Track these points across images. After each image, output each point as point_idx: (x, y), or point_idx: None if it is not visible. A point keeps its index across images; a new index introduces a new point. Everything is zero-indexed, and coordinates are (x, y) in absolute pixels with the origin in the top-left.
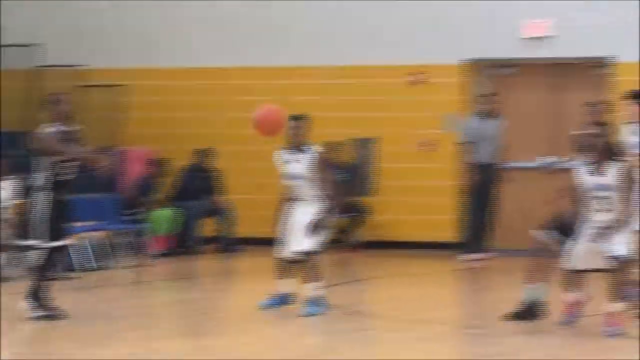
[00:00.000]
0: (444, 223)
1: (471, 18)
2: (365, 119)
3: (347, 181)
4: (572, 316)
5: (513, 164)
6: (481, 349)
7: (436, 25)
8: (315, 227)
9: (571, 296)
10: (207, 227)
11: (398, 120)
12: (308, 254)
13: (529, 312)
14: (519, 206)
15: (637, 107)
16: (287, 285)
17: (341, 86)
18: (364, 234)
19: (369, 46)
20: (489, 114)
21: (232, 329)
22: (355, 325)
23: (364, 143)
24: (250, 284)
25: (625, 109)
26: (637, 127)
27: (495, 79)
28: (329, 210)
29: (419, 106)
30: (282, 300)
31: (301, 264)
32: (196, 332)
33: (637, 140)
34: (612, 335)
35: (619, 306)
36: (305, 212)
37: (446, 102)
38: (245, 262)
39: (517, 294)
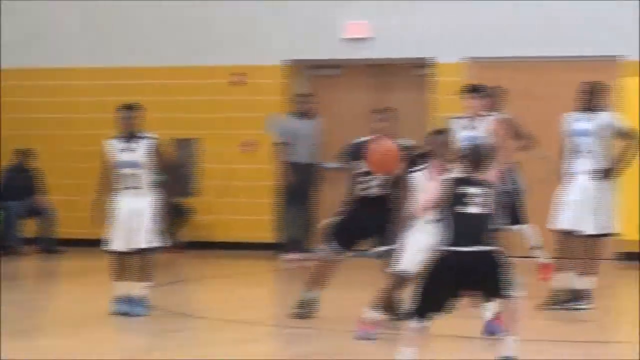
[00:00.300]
0: (266, 223)
1: (292, 19)
2: (188, 119)
3: (167, 182)
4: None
5: (333, 165)
6: (301, 348)
7: (257, 27)
8: (154, 221)
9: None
10: (28, 227)
11: (220, 121)
12: (146, 250)
13: (304, 312)
14: (338, 207)
15: (473, 102)
16: (123, 287)
17: (163, 87)
18: (186, 234)
19: (192, 47)
20: (305, 115)
21: (55, 330)
22: (177, 325)
23: (186, 144)
24: (72, 285)
25: (461, 103)
26: (468, 122)
27: (317, 80)
28: (163, 201)
29: (241, 107)
30: (125, 302)
31: (138, 261)
32: (18, 333)
33: (468, 134)
34: (363, 338)
35: (374, 314)
36: (140, 204)
37: (268, 103)
38: (66, 263)
39: (334, 293)
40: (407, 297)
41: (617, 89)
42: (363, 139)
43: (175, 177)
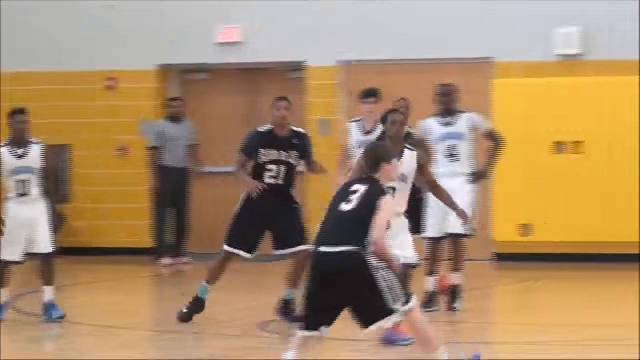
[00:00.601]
0: (141, 228)
1: (166, 24)
2: (61, 125)
3: (50, 188)
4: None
5: (209, 169)
6: (179, 351)
7: (130, 31)
8: (51, 225)
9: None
10: None
11: (94, 126)
12: (48, 255)
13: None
14: (213, 210)
15: (372, 106)
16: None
17: (35, 92)
18: (60, 240)
19: (65, 52)
20: (176, 119)
21: None
22: (53, 332)
23: (58, 150)
24: None
25: (357, 108)
26: (362, 125)
27: (189, 85)
28: (53, 207)
29: (115, 112)
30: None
31: (43, 266)
32: None
33: (361, 138)
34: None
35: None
36: (34, 211)
37: (141, 108)
38: None
39: (213, 297)
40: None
41: (490, 90)
42: (265, 128)
43: (54, 183)
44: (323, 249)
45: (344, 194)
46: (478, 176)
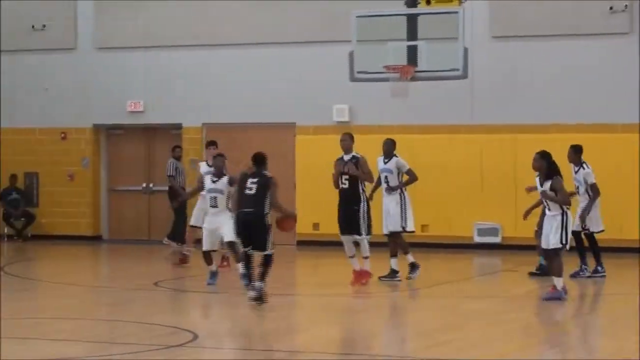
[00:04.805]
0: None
1: (100, 97)
2: None
3: None
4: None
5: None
6: None
7: (78, 94)
8: None
9: None
10: None
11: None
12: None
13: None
14: None
15: (211, 150)
16: None
17: None
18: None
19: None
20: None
21: None
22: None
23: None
24: None
25: (206, 152)
26: (207, 162)
27: (110, 137)
28: None
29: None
30: None
31: None
32: None
33: (206, 169)
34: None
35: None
36: None
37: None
38: None
39: None
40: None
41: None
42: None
43: None
44: (246, 209)
45: (246, 184)
46: (393, 189)
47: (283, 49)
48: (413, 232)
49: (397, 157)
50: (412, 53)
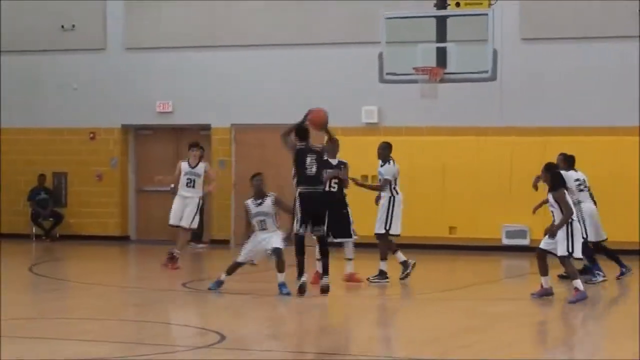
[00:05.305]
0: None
1: (129, 98)
2: None
3: None
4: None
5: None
6: None
7: (106, 94)
8: None
9: None
10: None
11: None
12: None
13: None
14: None
15: (197, 152)
16: None
17: None
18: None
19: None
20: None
21: None
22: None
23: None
24: None
25: (189, 153)
26: (188, 162)
27: (139, 137)
28: None
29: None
30: None
31: None
32: None
33: (188, 169)
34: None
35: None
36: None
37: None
38: None
39: None
40: None
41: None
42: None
43: None
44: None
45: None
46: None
47: (312, 50)
48: (397, 235)
49: (390, 162)
50: (442, 55)
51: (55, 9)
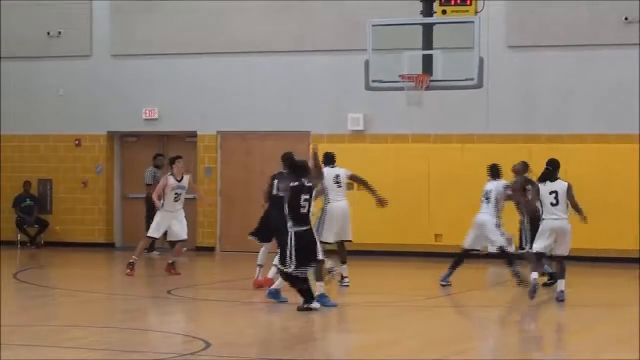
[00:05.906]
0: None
1: (115, 104)
2: None
3: None
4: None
5: None
6: None
7: (92, 101)
8: None
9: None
10: None
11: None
12: None
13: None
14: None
15: (179, 164)
16: None
17: None
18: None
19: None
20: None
21: None
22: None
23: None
24: None
25: (174, 167)
26: (174, 175)
27: (124, 144)
28: None
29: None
30: None
31: None
32: None
33: (173, 182)
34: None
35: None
36: None
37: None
38: None
39: None
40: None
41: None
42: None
43: None
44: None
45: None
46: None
47: (297, 57)
48: (328, 243)
49: (333, 168)
50: (428, 62)
51: (41, 16)
